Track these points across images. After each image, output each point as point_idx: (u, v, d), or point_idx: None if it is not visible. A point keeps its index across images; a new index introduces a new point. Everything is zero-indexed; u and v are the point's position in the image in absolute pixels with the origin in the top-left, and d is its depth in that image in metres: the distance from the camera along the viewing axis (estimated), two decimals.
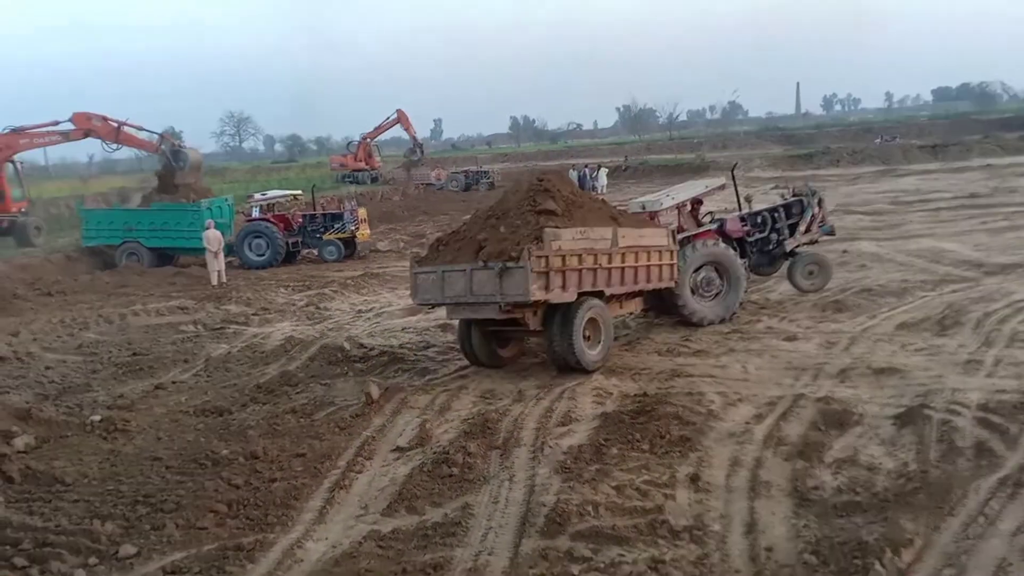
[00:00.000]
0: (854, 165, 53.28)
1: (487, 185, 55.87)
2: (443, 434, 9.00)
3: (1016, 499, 6.54)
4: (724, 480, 7.33)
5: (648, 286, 12.23)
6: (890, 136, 73.92)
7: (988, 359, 10.29)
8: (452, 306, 11.28)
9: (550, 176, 12.30)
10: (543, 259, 10.26)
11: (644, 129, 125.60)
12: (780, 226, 14.91)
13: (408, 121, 64.90)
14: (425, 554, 6.33)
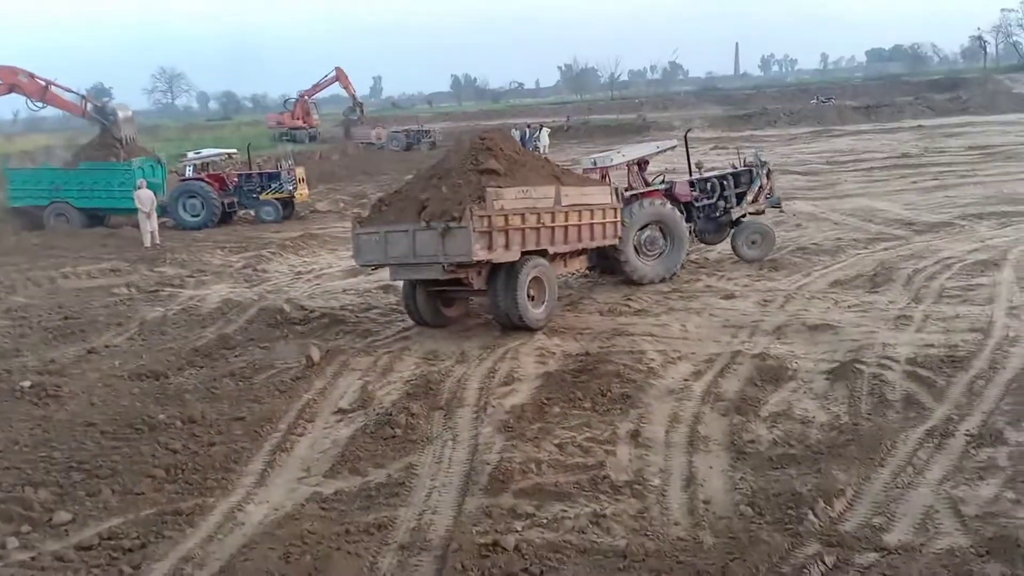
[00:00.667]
0: (791, 126, 54.10)
1: (428, 144, 55.20)
2: (386, 396, 8.96)
3: (942, 449, 6.80)
4: (664, 436, 7.46)
5: (592, 244, 12.27)
6: (826, 97, 74.97)
7: (917, 315, 10.63)
8: (395, 267, 11.22)
9: (492, 135, 12.20)
10: (486, 219, 10.20)
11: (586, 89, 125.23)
12: (728, 194, 14.94)
13: (347, 79, 63.58)
14: (368, 514, 6.33)
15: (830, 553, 5.34)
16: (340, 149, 53.06)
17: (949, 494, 6.07)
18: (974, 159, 29.13)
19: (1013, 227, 16.25)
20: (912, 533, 5.60)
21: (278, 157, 33.74)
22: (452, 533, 5.96)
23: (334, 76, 63.27)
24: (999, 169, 25.90)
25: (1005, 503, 5.86)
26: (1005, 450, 6.67)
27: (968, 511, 5.80)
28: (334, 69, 63.21)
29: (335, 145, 56.41)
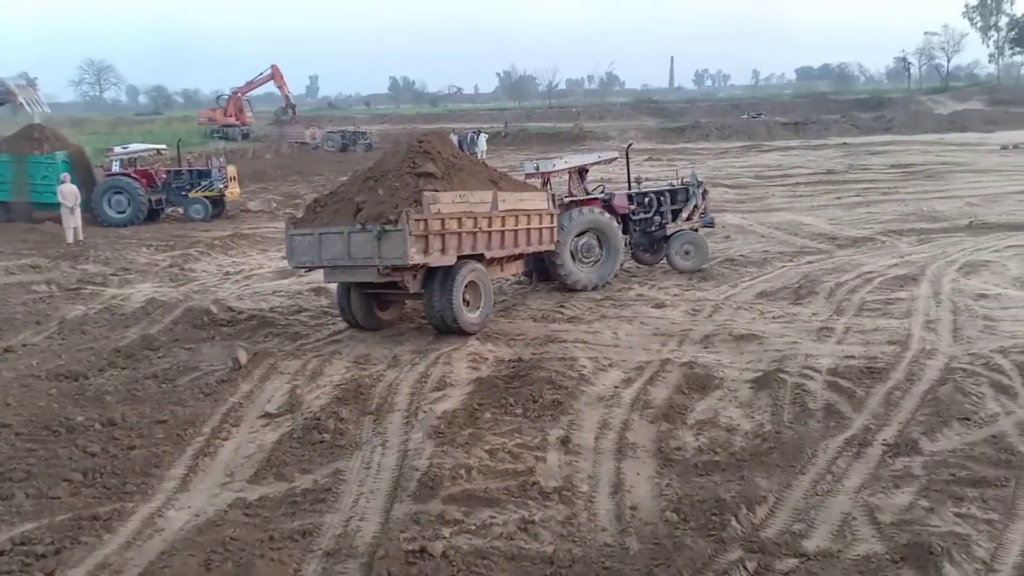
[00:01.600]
0: (722, 139, 55.34)
1: (365, 146, 54.78)
2: (314, 400, 8.83)
3: (860, 458, 7.01)
4: (593, 442, 7.52)
5: (529, 249, 12.33)
6: (756, 112, 76.92)
7: (839, 327, 10.95)
8: (329, 269, 11.10)
9: (430, 138, 12.14)
10: (422, 222, 10.18)
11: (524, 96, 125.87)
12: (664, 210, 15.17)
13: (282, 78, 62.81)
14: (294, 521, 6.22)
15: (752, 559, 5.45)
16: (273, 148, 52.23)
17: (866, 502, 6.25)
18: (896, 177, 30.22)
19: (931, 244, 16.89)
20: (830, 540, 5.75)
21: (209, 154, 33.11)
22: (379, 540, 5.90)
23: (269, 74, 62.40)
24: (919, 187, 26.92)
25: (919, 511, 6.06)
26: (920, 459, 6.90)
27: (884, 518, 5.98)
28: (270, 67, 62.37)
29: (268, 144, 55.50)
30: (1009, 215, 20.22)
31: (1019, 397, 8.15)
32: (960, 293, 12.46)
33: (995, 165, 33.39)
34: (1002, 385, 8.46)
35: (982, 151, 40.50)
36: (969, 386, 8.42)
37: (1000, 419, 7.65)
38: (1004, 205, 21.97)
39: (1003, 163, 34.32)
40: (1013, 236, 17.30)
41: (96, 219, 23.40)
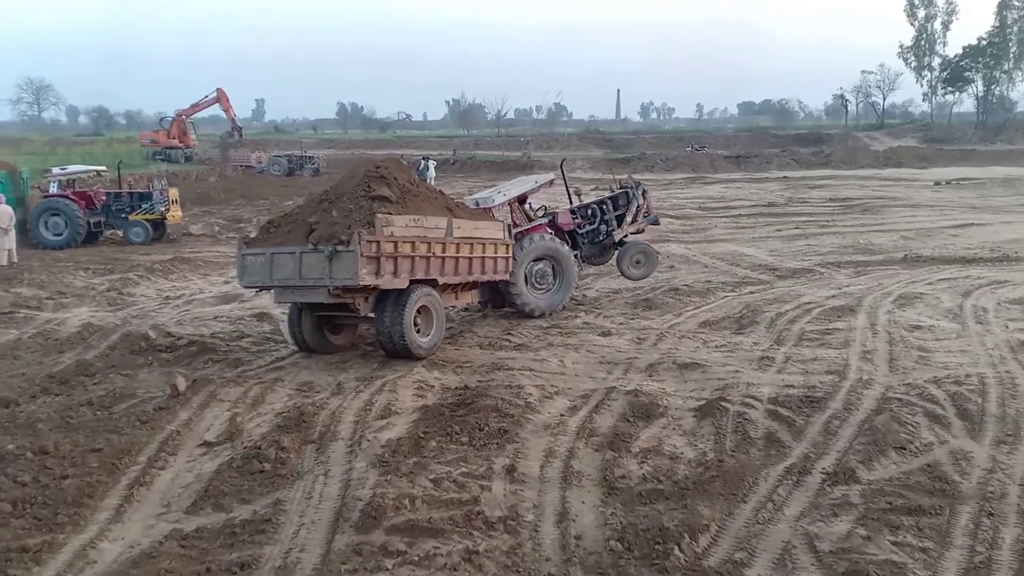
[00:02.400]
0: (667, 171, 56.27)
1: (312, 171, 54.37)
2: (255, 428, 8.67)
3: (800, 486, 7.12)
4: (539, 471, 7.51)
5: (483, 277, 12.42)
6: (700, 145, 78.47)
7: (779, 356, 11.15)
8: (280, 289, 11.08)
9: (387, 163, 12.21)
10: (374, 244, 10.23)
11: (472, 124, 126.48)
12: (608, 217, 15.48)
13: (228, 101, 62.13)
14: (232, 552, 6.08)
15: None
16: (218, 171, 51.46)
17: (806, 530, 6.35)
18: (834, 211, 31.04)
19: (868, 276, 17.35)
20: (771, 568, 5.82)
21: (151, 176, 32.52)
22: (320, 572, 5.79)
23: (215, 97, 61.72)
24: (856, 221, 27.68)
25: (857, 539, 6.17)
26: (857, 488, 7.04)
27: (823, 547, 6.07)
28: (215, 89, 61.69)
29: (212, 167, 54.68)
30: (942, 249, 20.89)
31: (952, 427, 8.39)
32: (895, 324, 12.81)
33: (928, 200, 34.53)
34: (936, 415, 8.69)
35: (916, 187, 41.88)
36: (905, 416, 8.63)
37: (934, 448, 7.85)
38: (937, 239, 22.71)
39: (936, 198, 35.51)
40: (945, 269, 17.88)
41: (32, 241, 22.76)
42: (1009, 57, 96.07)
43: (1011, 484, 7.05)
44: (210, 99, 61.89)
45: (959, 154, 67.15)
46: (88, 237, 23.79)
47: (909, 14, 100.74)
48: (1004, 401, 9.07)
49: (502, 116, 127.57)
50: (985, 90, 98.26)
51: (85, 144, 77.96)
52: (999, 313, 13.49)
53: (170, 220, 24.67)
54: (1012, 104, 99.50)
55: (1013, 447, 7.84)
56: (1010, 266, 18.21)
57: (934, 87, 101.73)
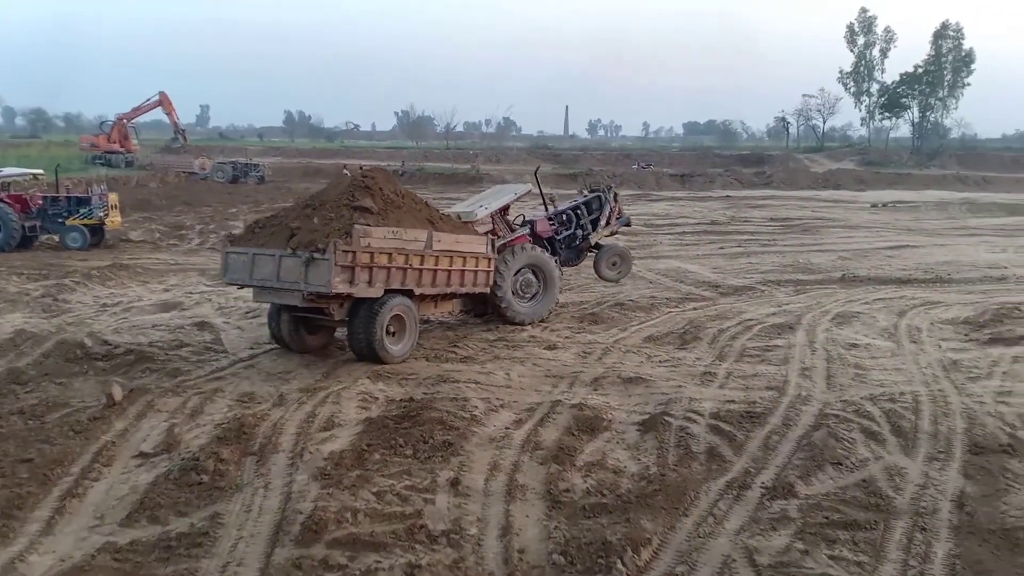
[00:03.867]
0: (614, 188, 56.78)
1: (257, 179, 53.66)
2: (194, 439, 8.47)
3: (740, 501, 7.23)
4: (483, 484, 7.48)
5: (462, 290, 12.68)
6: (645, 163, 79.54)
7: (721, 372, 11.32)
8: (259, 289, 11.39)
9: (374, 174, 12.41)
10: (350, 254, 10.51)
11: (422, 136, 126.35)
12: (584, 222, 15.93)
13: (171, 104, 61.03)
14: (167, 566, 5.93)
15: None
16: (159, 177, 50.46)
17: (745, 544, 6.44)
18: (775, 230, 31.71)
19: (807, 294, 17.74)
20: None
21: (90, 181, 31.71)
22: None
23: (157, 100, 60.60)
24: (796, 240, 28.31)
25: (795, 553, 6.28)
26: (796, 502, 7.16)
27: (762, 560, 6.17)
28: (158, 93, 60.55)
29: (154, 172, 53.60)
30: (878, 269, 21.48)
31: (887, 443, 8.60)
32: (833, 342, 13.11)
33: (865, 222, 35.50)
34: (872, 431, 8.90)
35: (854, 208, 43.04)
36: (841, 432, 8.82)
37: (870, 464, 8.04)
38: (873, 260, 23.34)
39: (873, 220, 36.54)
40: (881, 289, 18.38)
41: None
42: (944, 85, 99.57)
43: (943, 500, 7.25)
44: (152, 103, 60.74)
45: (895, 177, 69.32)
46: (23, 242, 23.06)
47: (849, 40, 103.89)
48: (936, 419, 9.34)
49: (452, 129, 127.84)
50: (920, 116, 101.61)
51: (21, 146, 75.72)
52: (932, 333, 13.90)
53: (109, 226, 24.08)
54: (946, 130, 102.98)
55: (945, 464, 8.07)
56: (943, 287, 18.80)
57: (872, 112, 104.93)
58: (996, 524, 6.77)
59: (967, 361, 11.97)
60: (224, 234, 12.66)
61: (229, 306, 15.52)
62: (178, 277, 18.84)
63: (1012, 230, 32.64)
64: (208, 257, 22.44)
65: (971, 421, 9.25)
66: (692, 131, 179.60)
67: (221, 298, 16.26)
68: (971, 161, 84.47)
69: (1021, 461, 8.10)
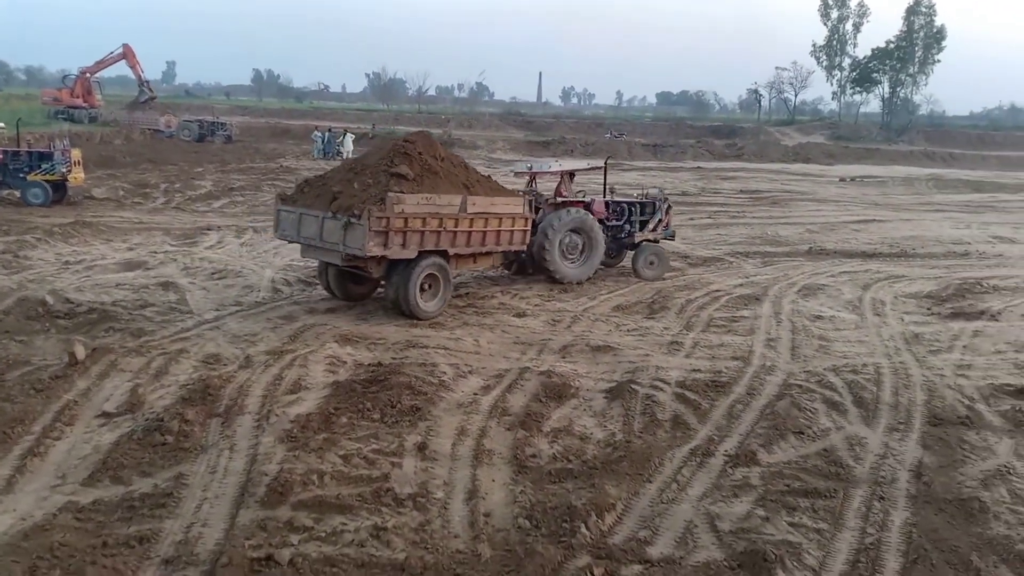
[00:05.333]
0: (586, 156, 56.58)
1: (224, 137, 52.71)
2: (158, 400, 8.40)
3: (703, 468, 7.33)
4: (450, 449, 7.51)
5: (498, 249, 13.28)
6: (618, 132, 79.36)
7: (687, 341, 11.42)
8: (305, 247, 12.26)
9: (415, 139, 12.97)
10: (384, 220, 11.12)
11: (393, 99, 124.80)
12: (634, 219, 16.50)
13: (135, 58, 59.39)
14: (130, 526, 5.89)
15: (599, 565, 5.58)
16: (124, 133, 49.43)
17: (707, 510, 6.54)
18: (744, 202, 31.88)
19: (774, 266, 17.91)
20: (673, 546, 5.98)
21: (52, 136, 30.97)
22: (222, 547, 5.66)
23: (120, 53, 58.99)
24: (765, 213, 28.50)
25: (756, 519, 6.39)
26: (758, 470, 7.28)
27: (724, 526, 6.27)
28: (121, 46, 59.01)
29: (118, 129, 52.46)
30: (844, 243, 21.72)
31: (848, 413, 8.75)
32: (799, 314, 13.27)
33: (833, 196, 35.81)
34: (833, 402, 9.06)
35: (822, 182, 43.37)
36: (804, 402, 8.96)
37: (831, 434, 8.18)
38: (840, 233, 23.59)
39: (840, 194, 36.86)
40: (847, 263, 18.60)
41: None
42: (914, 61, 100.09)
43: (901, 469, 7.41)
44: (115, 55, 59.12)
45: (864, 152, 69.89)
46: None
47: (823, 14, 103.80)
48: (898, 390, 9.51)
49: (423, 92, 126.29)
50: (890, 92, 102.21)
51: None
52: (895, 306, 14.12)
53: (72, 182, 23.56)
54: (915, 107, 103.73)
55: (904, 434, 8.24)
56: (907, 261, 19.08)
57: (843, 86, 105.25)
58: (952, 494, 6.94)
59: (929, 334, 12.18)
60: (277, 192, 13.48)
61: (194, 266, 15.33)
62: (142, 236, 18.54)
63: (976, 207, 33.14)
64: (173, 216, 22.11)
65: (931, 393, 9.44)
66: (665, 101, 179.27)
67: (186, 258, 16.06)
68: (938, 138, 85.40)
69: (978, 433, 8.29)
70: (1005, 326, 12.76)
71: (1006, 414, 8.80)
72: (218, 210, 23.99)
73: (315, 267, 15.10)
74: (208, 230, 19.71)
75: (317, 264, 13.11)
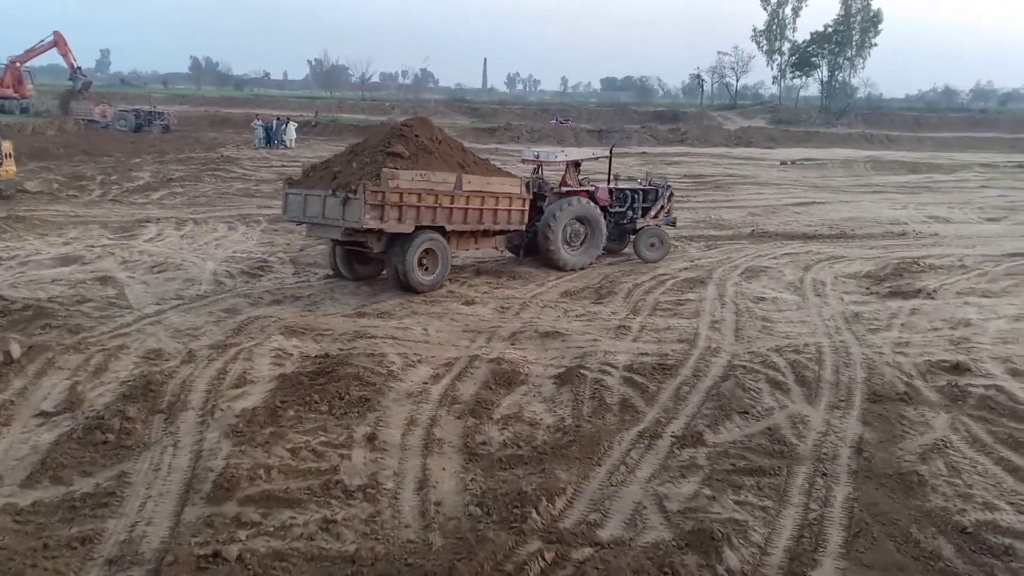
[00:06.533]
0: (532, 143, 56.63)
1: (161, 127, 51.47)
2: (98, 398, 8.20)
3: (652, 450, 7.42)
4: (400, 439, 7.48)
5: (496, 227, 14.02)
6: (564, 119, 79.46)
7: (635, 325, 11.53)
8: (310, 225, 13.16)
9: (413, 123, 13.90)
10: (379, 194, 11.99)
11: (335, 86, 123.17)
12: (636, 206, 16.96)
13: (67, 45, 57.64)
14: (72, 527, 5.75)
15: (550, 549, 5.62)
16: (57, 124, 47.93)
17: (656, 491, 6.62)
18: (688, 186, 32.20)
19: (718, 249, 18.17)
20: (623, 528, 6.05)
21: None
22: (168, 545, 5.57)
23: (51, 41, 57.21)
24: (709, 197, 28.85)
25: (703, 499, 6.50)
26: (704, 450, 7.40)
27: (671, 507, 6.36)
28: (52, 33, 57.20)
29: (51, 119, 50.88)
30: (785, 225, 22.12)
31: (791, 392, 8.94)
32: (742, 296, 13.49)
33: (775, 179, 36.41)
34: (777, 381, 9.23)
35: (764, 165, 44.05)
36: (748, 382, 9.13)
37: (775, 413, 8.35)
38: (781, 216, 24.01)
39: (781, 177, 37.49)
40: (788, 244, 18.96)
41: None
42: (852, 44, 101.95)
43: (843, 446, 7.59)
44: (46, 43, 57.32)
45: (804, 136, 71.13)
46: None
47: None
48: (838, 369, 9.74)
49: (367, 79, 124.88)
50: (829, 75, 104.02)
51: None
52: (836, 286, 14.44)
53: (2, 175, 22.80)
54: (853, 90, 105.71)
55: (846, 412, 8.44)
56: (846, 242, 19.51)
57: (783, 71, 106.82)
58: (892, 468, 7.14)
59: (868, 313, 12.49)
60: (284, 177, 14.39)
61: (133, 260, 14.98)
62: (78, 230, 18.04)
63: (913, 187, 33.99)
64: (110, 209, 21.55)
65: (871, 371, 9.69)
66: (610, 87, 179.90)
67: (125, 252, 15.68)
68: (876, 120, 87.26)
69: (916, 409, 8.53)
70: (941, 304, 13.14)
71: (942, 389, 9.07)
72: (157, 202, 23.46)
73: (257, 259, 15.23)
74: (147, 222, 19.27)
75: (328, 248, 14.08)
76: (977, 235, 20.99)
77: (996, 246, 19.05)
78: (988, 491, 6.76)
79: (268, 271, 14.63)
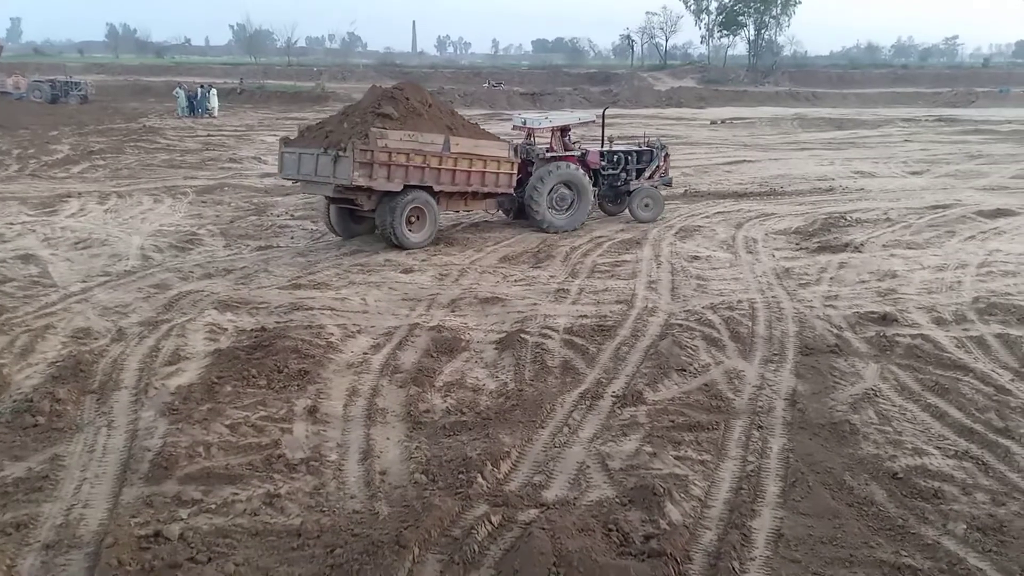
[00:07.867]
0: (465, 107, 56.15)
1: (79, 98, 49.62)
2: (25, 380, 7.93)
3: (593, 410, 7.51)
4: (342, 410, 7.42)
5: (484, 189, 14.50)
6: (496, 82, 79.01)
7: (573, 288, 11.62)
8: (304, 183, 14.01)
9: (404, 86, 14.77)
10: (368, 152, 12.69)
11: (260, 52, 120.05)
12: (630, 168, 17.06)
13: None
14: (4, 513, 5.58)
15: (496, 512, 5.66)
16: None
17: (598, 450, 6.72)
18: None
19: None
20: (567, 488, 6.12)
21: None
22: (107, 527, 5.44)
23: None
24: None
25: (644, 456, 6.61)
26: (644, 408, 7.52)
27: (614, 465, 6.46)
28: None
29: None
30: (717, 184, 22.45)
31: (727, 348, 9.12)
32: (677, 255, 13.68)
33: (705, 139, 36.85)
34: (713, 338, 9.42)
35: (695, 125, 44.56)
36: (685, 340, 9.29)
37: (711, 369, 8.52)
38: (713, 175, 24.35)
39: (712, 136, 37.97)
40: (720, 203, 19.26)
41: None
42: (777, 3, 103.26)
43: (777, 399, 7.80)
44: None
45: (733, 95, 72.11)
46: None
47: None
48: (771, 324, 9.98)
49: (293, 44, 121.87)
50: (756, 34, 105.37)
51: None
52: (767, 243, 14.75)
53: None
54: (779, 48, 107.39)
55: (779, 365, 8.66)
56: (776, 200, 19.90)
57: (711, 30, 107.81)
58: (825, 419, 7.36)
59: (798, 268, 12.80)
60: (281, 136, 14.89)
61: (56, 236, 14.47)
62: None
63: (839, 143, 34.77)
64: (29, 184, 20.71)
65: (802, 325, 9.94)
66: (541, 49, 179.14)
67: (46, 228, 15.12)
68: (802, 78, 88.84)
69: (846, 360, 8.80)
70: (868, 257, 13.53)
71: (871, 340, 9.37)
72: (78, 175, 22.62)
73: (186, 232, 14.99)
74: (68, 197, 18.59)
75: (322, 206, 14.64)
76: (901, 189, 21.62)
77: (919, 199, 19.66)
78: (917, 437, 7.02)
79: (198, 244, 14.29)
